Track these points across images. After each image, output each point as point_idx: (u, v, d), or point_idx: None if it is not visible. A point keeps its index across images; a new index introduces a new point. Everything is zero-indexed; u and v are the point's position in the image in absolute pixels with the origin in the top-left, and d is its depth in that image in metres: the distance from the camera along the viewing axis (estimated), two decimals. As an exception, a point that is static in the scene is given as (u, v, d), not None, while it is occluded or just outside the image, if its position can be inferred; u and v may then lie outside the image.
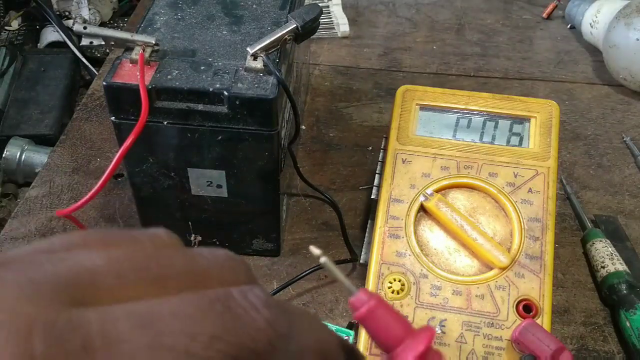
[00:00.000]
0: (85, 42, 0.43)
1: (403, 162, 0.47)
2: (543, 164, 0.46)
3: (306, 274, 0.49)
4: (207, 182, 0.46)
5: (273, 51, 0.43)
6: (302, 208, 0.56)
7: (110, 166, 0.39)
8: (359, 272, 0.51)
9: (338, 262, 0.50)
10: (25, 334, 0.13)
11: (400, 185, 0.46)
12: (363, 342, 0.41)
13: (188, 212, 0.48)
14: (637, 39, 0.66)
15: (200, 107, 0.41)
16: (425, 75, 0.74)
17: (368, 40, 0.80)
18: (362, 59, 0.76)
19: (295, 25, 0.43)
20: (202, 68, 0.42)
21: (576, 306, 0.49)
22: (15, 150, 0.65)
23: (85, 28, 0.42)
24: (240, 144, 0.43)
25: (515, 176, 0.46)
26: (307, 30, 0.43)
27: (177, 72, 0.42)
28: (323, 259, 0.21)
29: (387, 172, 0.47)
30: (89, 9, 0.86)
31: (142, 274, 0.16)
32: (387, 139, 0.49)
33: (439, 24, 0.84)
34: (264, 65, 0.41)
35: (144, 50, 0.42)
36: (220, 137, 0.43)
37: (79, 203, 0.39)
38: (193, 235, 0.50)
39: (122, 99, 0.41)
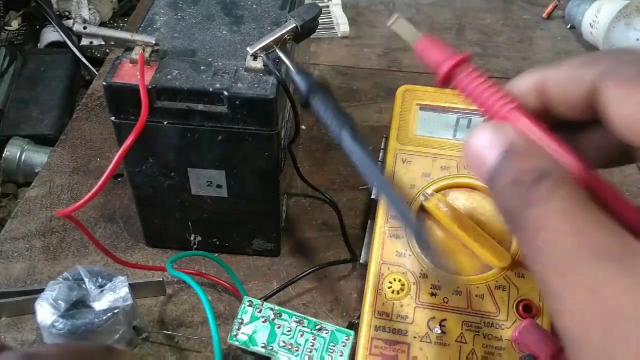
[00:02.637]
0: (85, 42, 0.42)
1: (403, 162, 0.47)
2: (543, 164, 0.46)
3: (306, 274, 0.49)
4: (207, 182, 0.46)
5: (273, 51, 0.43)
6: (302, 208, 0.56)
7: (110, 166, 0.39)
8: (359, 271, 0.51)
9: (338, 262, 0.50)
10: None
11: (400, 186, 0.46)
12: (363, 342, 0.41)
13: (188, 212, 0.48)
14: (637, 39, 0.66)
15: (200, 107, 0.41)
16: (425, 75, 0.74)
17: (368, 40, 0.80)
18: (362, 59, 0.76)
19: (294, 24, 0.43)
20: (202, 68, 0.42)
21: (576, 306, 0.49)
22: (15, 150, 0.65)
23: (85, 28, 0.42)
24: (240, 144, 0.43)
25: (515, 176, 0.46)
26: (306, 30, 0.43)
27: (177, 72, 0.42)
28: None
29: (387, 172, 0.47)
30: (89, 9, 0.86)
31: None
32: (387, 139, 0.49)
33: (439, 24, 0.84)
34: (264, 65, 0.41)
35: (144, 50, 0.42)
36: (220, 137, 0.43)
37: (79, 203, 0.39)
38: (193, 235, 0.50)
39: (122, 99, 0.41)
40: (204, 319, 0.47)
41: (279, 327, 0.43)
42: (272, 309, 0.43)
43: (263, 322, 0.43)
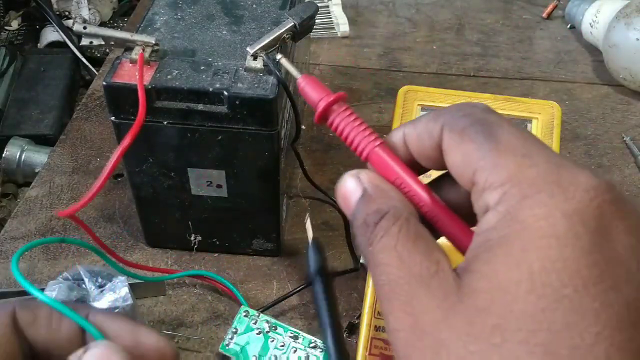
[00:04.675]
0: (85, 42, 0.42)
1: (403, 162, 0.47)
2: (543, 163, 0.46)
3: (304, 287, 0.49)
4: (207, 182, 0.46)
5: (272, 50, 0.43)
6: (302, 208, 0.56)
7: (109, 166, 0.39)
8: (359, 272, 0.50)
9: (342, 273, 0.50)
10: None
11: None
12: (363, 342, 0.41)
13: (188, 212, 0.48)
14: (637, 39, 0.66)
15: (200, 107, 0.41)
16: (425, 75, 0.74)
17: (368, 40, 0.80)
18: (362, 59, 0.76)
19: (292, 23, 0.43)
20: (202, 68, 0.42)
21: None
22: (15, 150, 0.64)
23: (85, 28, 0.42)
24: (240, 144, 0.43)
25: (515, 176, 0.45)
26: (304, 28, 0.43)
27: (177, 72, 0.42)
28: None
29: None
30: (89, 9, 0.86)
31: None
32: (387, 139, 0.49)
33: (439, 24, 0.84)
34: (264, 65, 0.41)
35: (143, 50, 0.42)
36: (220, 137, 0.43)
37: (80, 204, 0.38)
38: (193, 235, 0.50)
39: (121, 99, 0.41)
40: (204, 319, 0.47)
41: (272, 341, 0.42)
42: (267, 322, 0.43)
43: (257, 334, 0.42)
